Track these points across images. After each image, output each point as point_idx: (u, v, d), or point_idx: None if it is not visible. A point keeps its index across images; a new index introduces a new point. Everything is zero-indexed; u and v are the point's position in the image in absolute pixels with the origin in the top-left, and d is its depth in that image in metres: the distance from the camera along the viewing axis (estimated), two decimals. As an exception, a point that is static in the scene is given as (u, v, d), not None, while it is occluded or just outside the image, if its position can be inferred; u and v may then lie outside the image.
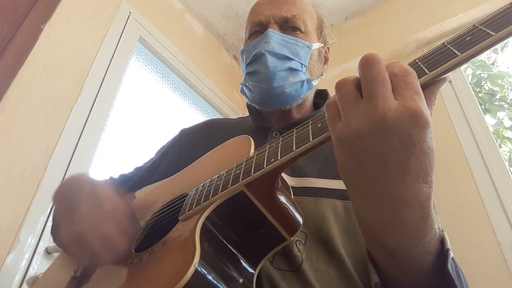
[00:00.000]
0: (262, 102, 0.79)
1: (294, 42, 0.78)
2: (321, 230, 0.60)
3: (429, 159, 0.35)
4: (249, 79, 0.79)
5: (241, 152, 0.56)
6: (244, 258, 0.49)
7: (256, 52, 0.77)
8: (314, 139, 0.42)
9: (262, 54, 0.75)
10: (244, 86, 0.83)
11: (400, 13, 1.97)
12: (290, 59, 0.76)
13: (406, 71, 0.35)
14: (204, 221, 0.47)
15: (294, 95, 0.77)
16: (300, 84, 0.77)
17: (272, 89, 0.75)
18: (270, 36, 0.76)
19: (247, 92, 0.82)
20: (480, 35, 0.34)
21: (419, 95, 0.34)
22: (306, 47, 0.79)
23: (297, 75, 0.77)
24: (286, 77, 0.75)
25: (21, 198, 1.16)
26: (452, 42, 0.36)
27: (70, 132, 1.35)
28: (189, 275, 0.39)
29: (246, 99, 0.85)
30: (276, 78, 0.74)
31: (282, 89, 0.75)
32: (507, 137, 2.08)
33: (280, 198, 0.50)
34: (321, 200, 0.63)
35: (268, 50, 0.75)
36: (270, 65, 0.74)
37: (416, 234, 0.39)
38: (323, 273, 0.57)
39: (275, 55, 0.75)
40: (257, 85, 0.77)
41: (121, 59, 1.66)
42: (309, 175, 0.66)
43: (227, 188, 0.48)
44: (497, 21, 0.34)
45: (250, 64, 0.79)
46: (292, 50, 0.77)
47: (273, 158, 0.45)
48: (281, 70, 0.75)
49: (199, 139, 0.83)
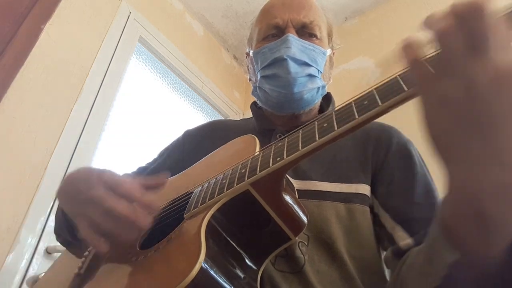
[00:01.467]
0: (279, 107, 0.78)
1: (312, 48, 0.77)
2: (323, 232, 0.60)
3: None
4: (266, 82, 0.77)
5: (246, 151, 0.56)
6: (249, 257, 0.50)
7: (276, 56, 0.75)
8: (320, 139, 0.41)
9: (284, 59, 0.74)
10: (257, 89, 0.82)
11: (400, 13, 1.97)
12: (309, 66, 0.76)
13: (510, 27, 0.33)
14: (209, 219, 0.47)
15: (310, 100, 0.77)
16: (316, 90, 0.77)
17: (292, 94, 0.74)
18: (291, 42, 0.75)
19: (262, 95, 0.81)
20: None
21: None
22: (322, 54, 0.79)
23: (315, 81, 0.77)
24: (305, 83, 0.75)
25: (21, 198, 1.16)
26: None
27: (70, 132, 1.35)
28: (195, 273, 0.39)
29: (258, 101, 0.84)
30: (296, 84, 0.74)
31: (301, 95, 0.75)
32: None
33: (286, 197, 0.50)
34: (324, 203, 0.63)
35: (290, 56, 0.74)
36: (292, 70, 0.73)
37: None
38: (325, 275, 0.57)
39: (295, 61, 0.74)
40: (275, 89, 0.76)
41: (121, 59, 1.66)
42: (312, 178, 0.66)
43: (233, 187, 0.48)
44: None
45: (268, 67, 0.77)
46: (310, 56, 0.76)
47: (279, 157, 0.45)
48: (302, 76, 0.74)
49: (202, 141, 0.83)
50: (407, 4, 1.97)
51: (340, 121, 0.42)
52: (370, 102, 0.40)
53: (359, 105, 0.42)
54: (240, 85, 2.46)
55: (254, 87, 0.83)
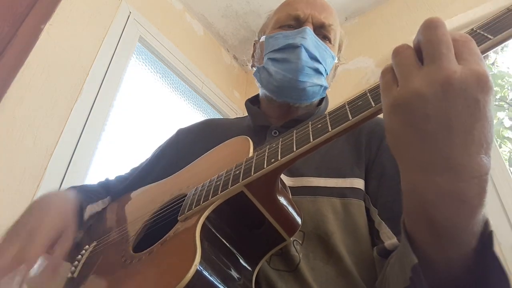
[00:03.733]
0: (278, 91, 0.79)
1: (324, 48, 0.79)
2: (319, 228, 0.60)
3: (491, 129, 0.33)
4: (273, 65, 0.78)
5: (240, 153, 0.56)
6: (244, 258, 0.50)
7: (291, 42, 0.77)
8: (314, 140, 0.42)
9: (298, 46, 0.75)
10: (261, 69, 0.82)
11: (400, 13, 1.97)
12: (319, 62, 0.78)
13: (467, 38, 0.34)
14: (204, 221, 0.47)
15: (311, 95, 0.78)
16: (319, 87, 0.79)
17: (296, 81, 0.75)
18: (308, 33, 0.77)
19: (263, 76, 0.81)
20: (479, 38, 0.34)
21: (483, 61, 0.33)
22: (332, 57, 0.82)
23: (320, 78, 0.78)
24: (312, 76, 0.76)
25: (21, 198, 1.16)
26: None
27: (70, 132, 1.35)
28: (190, 275, 0.39)
29: (259, 83, 0.84)
30: (304, 72, 0.75)
31: (304, 85, 0.76)
32: (507, 137, 2.07)
33: (280, 198, 0.50)
34: (319, 198, 0.63)
35: (304, 45, 0.75)
36: (303, 58, 0.75)
37: (470, 210, 0.35)
38: (320, 272, 0.57)
39: (308, 52, 0.76)
40: (281, 72, 0.76)
41: (121, 59, 1.66)
42: (306, 175, 0.66)
43: (227, 188, 0.48)
44: (495, 25, 0.34)
45: (279, 51, 0.78)
46: (322, 54, 0.78)
47: (273, 159, 0.45)
48: (310, 67, 0.76)
49: (196, 139, 0.83)
50: (407, 4, 1.96)
51: (334, 122, 0.42)
52: (364, 103, 0.41)
53: (353, 106, 0.42)
54: (240, 85, 2.46)
55: (258, 68, 0.83)
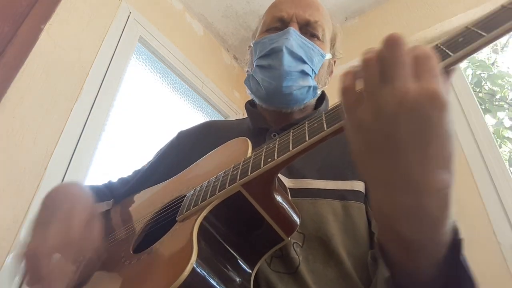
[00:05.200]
0: (267, 99, 0.79)
1: (311, 47, 0.78)
2: (319, 230, 0.60)
3: (449, 144, 0.34)
4: (260, 72, 0.78)
5: (238, 154, 0.56)
6: (242, 258, 0.50)
7: (274, 46, 0.76)
8: (310, 139, 0.42)
9: (280, 50, 0.75)
10: (250, 78, 0.82)
11: (400, 13, 1.97)
12: (304, 62, 0.76)
13: (427, 54, 0.34)
14: (201, 221, 0.47)
15: (299, 98, 0.77)
16: (307, 89, 0.77)
17: (281, 87, 0.74)
18: (291, 34, 0.76)
19: (253, 84, 0.81)
20: (472, 36, 0.34)
21: (438, 78, 0.33)
22: (320, 55, 0.80)
23: (306, 79, 0.77)
24: (296, 79, 0.75)
25: (21, 198, 1.16)
26: (445, 44, 0.36)
27: (70, 132, 1.35)
28: (186, 274, 0.39)
29: (249, 91, 0.84)
30: (287, 77, 0.74)
31: (290, 90, 0.75)
32: (507, 137, 2.07)
33: (277, 198, 0.50)
34: (320, 200, 0.63)
35: (287, 47, 0.74)
36: (285, 63, 0.74)
37: (434, 223, 0.37)
38: (320, 275, 0.57)
39: (291, 54, 0.75)
40: (266, 79, 0.76)
41: (121, 59, 1.66)
42: (306, 177, 0.66)
43: (225, 189, 0.49)
44: (488, 22, 0.34)
45: (264, 57, 0.78)
46: (308, 54, 0.77)
47: (270, 158, 0.46)
48: (294, 71, 0.75)
49: (197, 141, 0.83)
50: (407, 4, 1.96)
51: (330, 121, 0.42)
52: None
53: None
54: (240, 85, 2.46)
55: (248, 76, 0.83)
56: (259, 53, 0.79)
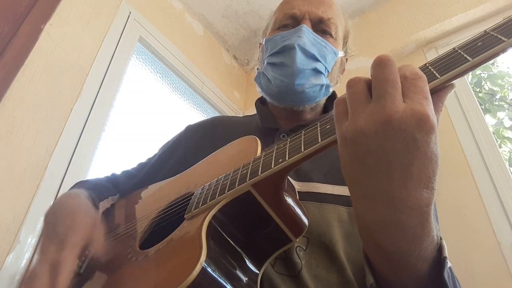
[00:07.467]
0: (279, 97, 0.78)
1: (324, 44, 0.77)
2: (323, 235, 0.59)
3: (432, 165, 0.34)
4: (271, 70, 0.77)
5: (247, 152, 0.56)
6: (249, 258, 0.49)
7: (286, 44, 0.75)
8: (322, 141, 0.41)
9: (293, 48, 0.73)
10: (261, 75, 0.81)
11: (400, 13, 1.97)
12: (317, 60, 0.75)
13: (417, 75, 0.35)
14: (210, 219, 0.47)
15: (311, 97, 0.76)
16: (319, 87, 0.76)
17: (293, 85, 0.73)
18: (303, 31, 0.75)
19: (264, 82, 0.80)
20: (492, 40, 0.34)
21: (427, 100, 0.34)
22: (333, 53, 0.79)
23: (319, 77, 0.76)
24: (309, 77, 0.74)
25: (21, 198, 1.16)
26: (463, 48, 0.36)
27: (70, 132, 1.35)
28: (195, 273, 0.39)
29: (259, 88, 0.83)
30: (300, 75, 0.73)
31: (302, 88, 0.74)
32: (507, 137, 2.08)
33: (287, 199, 0.50)
34: (326, 205, 0.62)
35: (299, 45, 0.73)
36: (298, 60, 0.73)
37: (413, 238, 0.38)
38: (322, 280, 0.57)
39: (304, 52, 0.74)
40: (278, 77, 0.75)
41: (121, 59, 1.66)
42: (314, 180, 0.65)
43: (234, 188, 0.48)
44: (509, 27, 0.34)
45: (276, 55, 0.77)
46: (320, 51, 0.76)
47: (281, 159, 0.45)
48: (307, 68, 0.74)
49: (204, 137, 0.82)
50: (407, 4, 1.97)
51: None
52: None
53: None
54: (240, 85, 2.46)
55: (258, 73, 0.82)
56: (271, 50, 0.78)
